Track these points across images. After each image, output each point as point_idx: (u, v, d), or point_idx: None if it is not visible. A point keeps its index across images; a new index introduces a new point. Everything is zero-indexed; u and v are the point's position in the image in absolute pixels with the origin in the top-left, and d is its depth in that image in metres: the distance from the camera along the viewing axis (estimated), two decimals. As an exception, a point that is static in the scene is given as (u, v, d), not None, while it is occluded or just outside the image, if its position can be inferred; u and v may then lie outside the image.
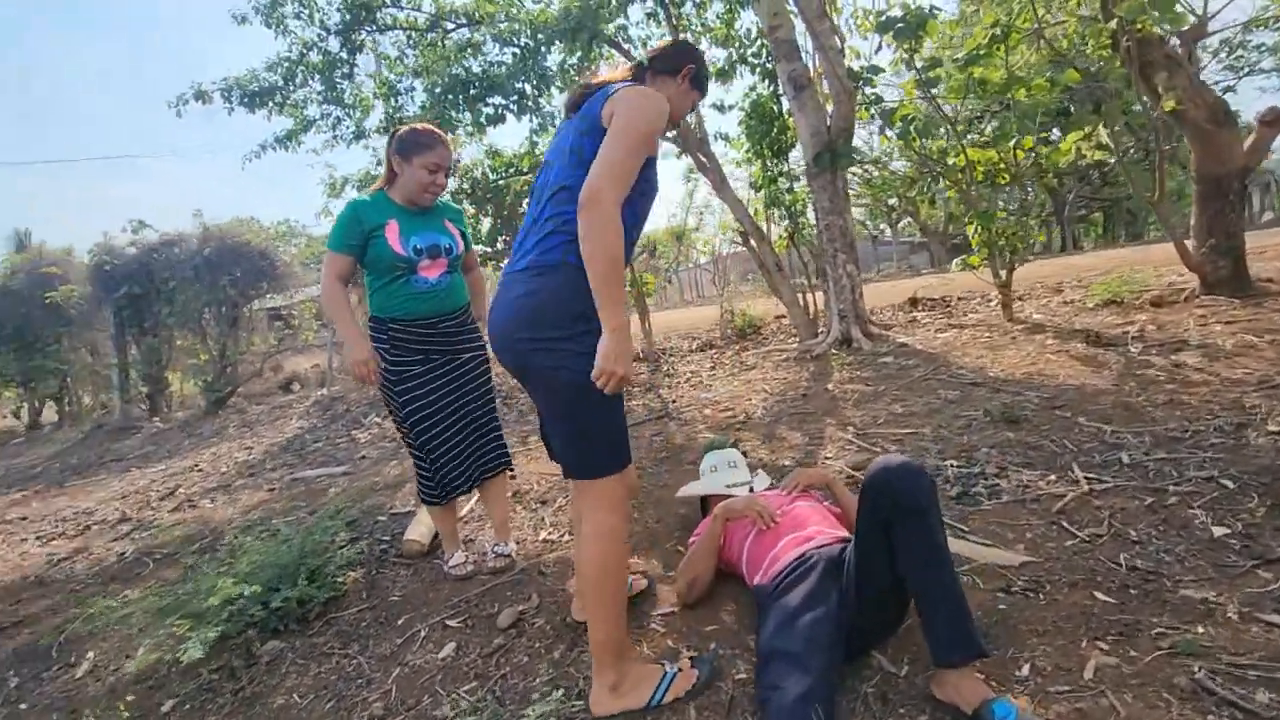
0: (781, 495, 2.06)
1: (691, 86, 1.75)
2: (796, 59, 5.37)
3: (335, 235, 2.28)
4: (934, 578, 1.38)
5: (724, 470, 2.36)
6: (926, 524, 1.41)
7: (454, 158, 2.51)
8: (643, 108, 1.47)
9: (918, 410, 3.53)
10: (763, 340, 6.76)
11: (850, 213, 5.69)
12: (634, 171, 1.44)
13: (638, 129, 1.44)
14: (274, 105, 6.37)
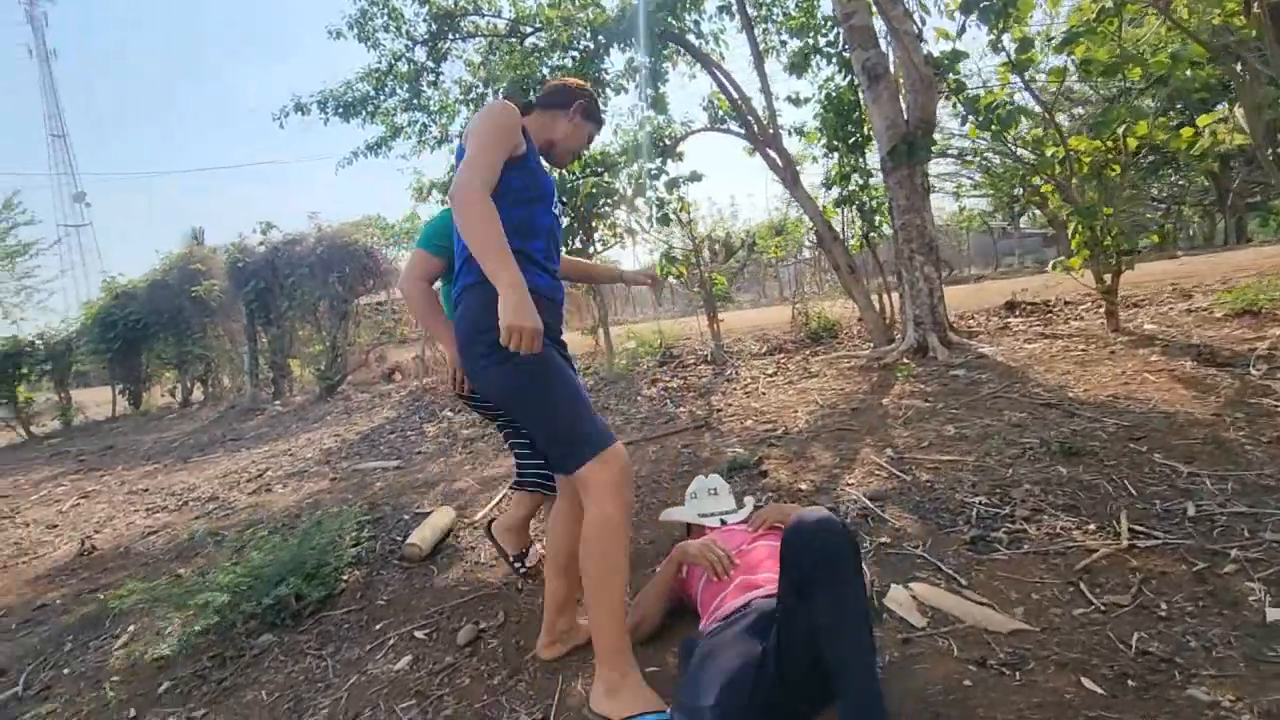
0: (746, 533, 1.92)
1: (584, 119, 1.92)
2: (872, 47, 5.01)
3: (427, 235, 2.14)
4: (843, 649, 1.21)
5: (704, 498, 2.25)
6: (840, 588, 1.25)
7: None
8: (481, 114, 1.67)
9: (971, 434, 3.19)
10: (836, 345, 6.41)
11: (929, 211, 5.24)
12: (489, 162, 1.58)
13: (479, 129, 1.62)
14: (366, 114, 6.79)
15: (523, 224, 1.68)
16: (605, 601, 1.59)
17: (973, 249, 22.47)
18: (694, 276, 6.70)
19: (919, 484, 2.68)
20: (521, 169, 1.68)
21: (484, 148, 1.60)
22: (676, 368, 6.67)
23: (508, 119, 1.65)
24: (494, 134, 1.62)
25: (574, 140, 1.93)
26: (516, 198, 1.67)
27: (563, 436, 1.62)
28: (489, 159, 1.59)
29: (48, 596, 3.21)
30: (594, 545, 1.59)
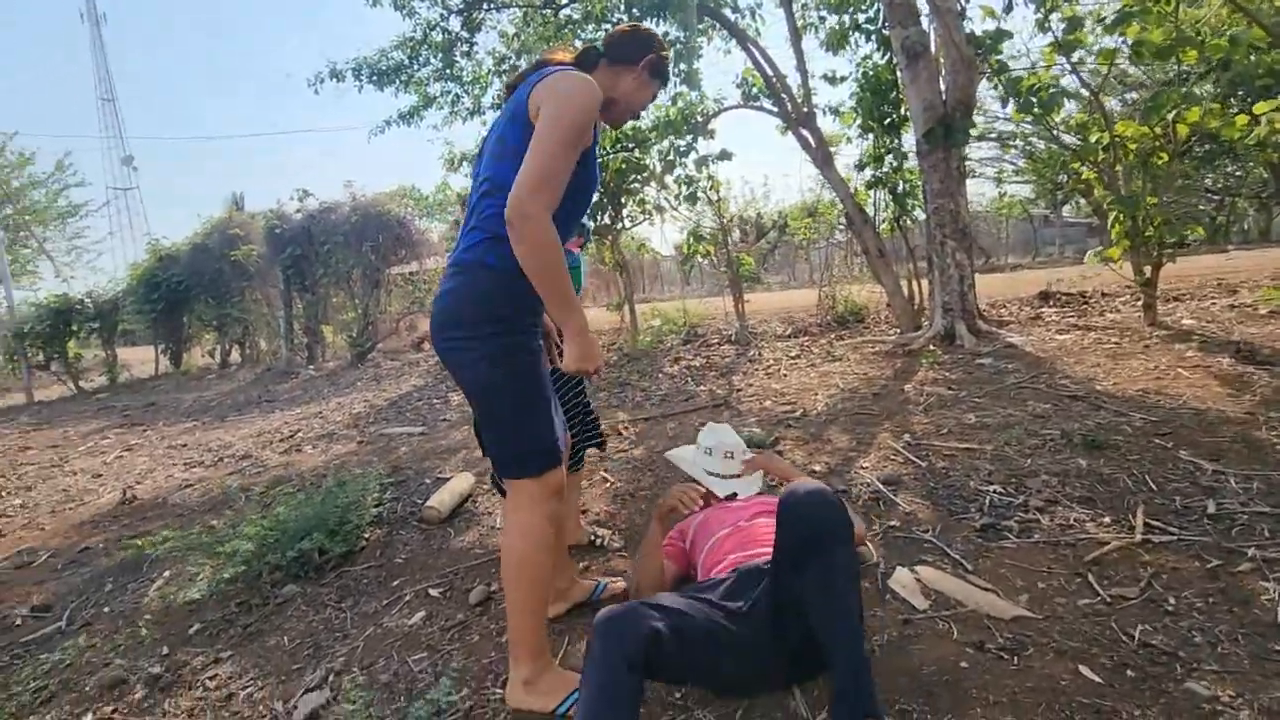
0: (747, 506, 1.93)
1: (651, 77, 1.67)
2: (912, 24, 4.87)
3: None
4: (831, 620, 1.24)
5: (716, 458, 2.12)
6: (830, 560, 1.27)
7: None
8: (572, 97, 1.38)
9: (992, 422, 3.16)
10: (863, 329, 6.34)
11: (964, 195, 5.13)
12: (565, 172, 1.36)
13: (566, 124, 1.35)
14: (400, 83, 6.84)
15: (566, 220, 1.48)
16: (526, 607, 1.54)
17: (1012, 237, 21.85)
18: (721, 256, 6.65)
19: (934, 470, 2.67)
20: (584, 163, 1.47)
21: (562, 151, 1.36)
22: (700, 346, 6.67)
23: (595, 112, 1.42)
24: (579, 133, 1.38)
25: (638, 99, 1.68)
26: (570, 192, 1.43)
27: (516, 446, 1.52)
28: (564, 166, 1.37)
29: (91, 540, 3.38)
30: (514, 550, 1.53)
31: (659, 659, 1.19)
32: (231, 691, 1.85)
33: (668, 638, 1.20)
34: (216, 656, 2.04)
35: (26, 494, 4.90)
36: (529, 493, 1.54)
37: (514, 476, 1.55)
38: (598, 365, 1.47)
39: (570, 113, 1.37)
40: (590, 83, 1.43)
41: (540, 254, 1.34)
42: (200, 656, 2.05)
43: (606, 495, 2.92)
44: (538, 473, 1.53)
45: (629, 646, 1.16)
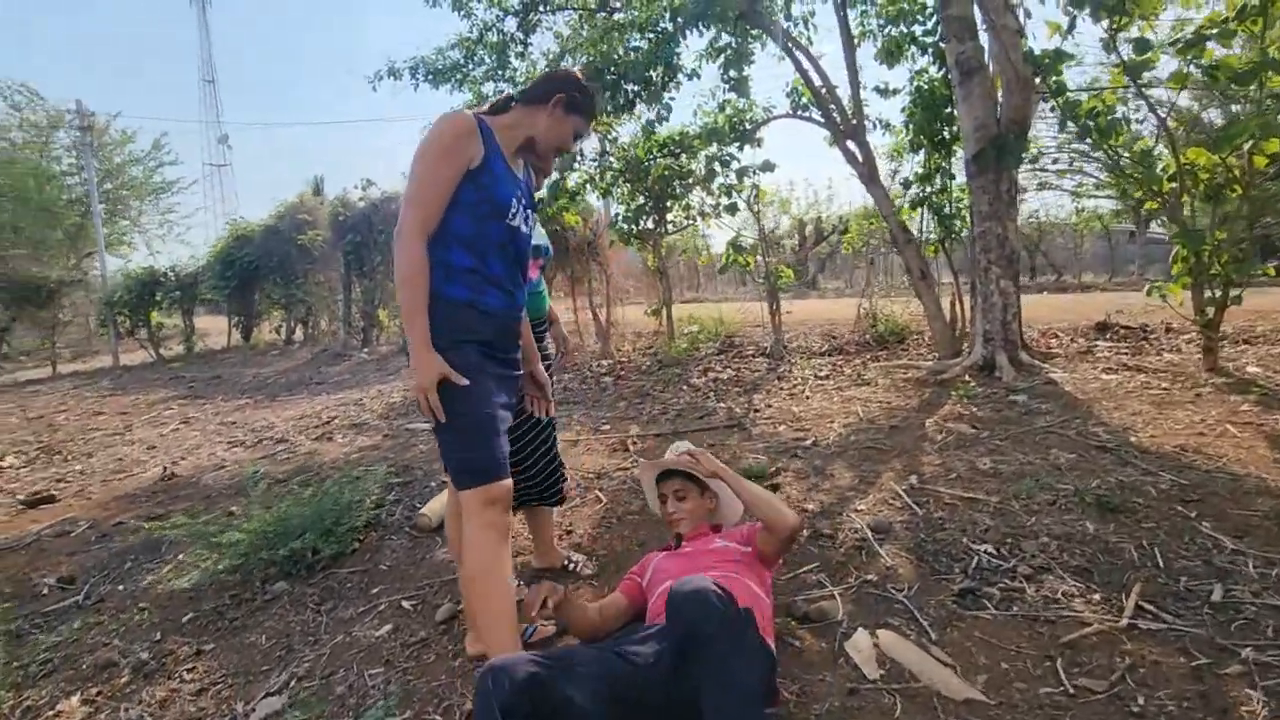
0: (703, 555, 1.90)
1: (566, 112, 1.76)
2: (969, 39, 4.65)
3: None
4: (713, 710, 1.22)
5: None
6: (711, 653, 1.26)
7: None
8: (427, 137, 1.61)
9: (1005, 470, 3.01)
10: (901, 351, 6.13)
11: (1014, 219, 4.87)
12: (430, 193, 1.58)
13: (422, 156, 1.59)
14: (455, 82, 6.98)
15: (474, 239, 1.64)
16: (489, 610, 1.58)
17: (1091, 254, 20.62)
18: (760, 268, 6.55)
19: (930, 520, 2.56)
20: (474, 182, 1.62)
21: (425, 179, 1.58)
22: (734, 357, 6.60)
23: (453, 136, 1.59)
24: (437, 159, 1.58)
25: (555, 136, 1.77)
26: (468, 211, 1.62)
27: (457, 458, 1.65)
28: (429, 192, 1.58)
29: (125, 516, 3.62)
30: (466, 564, 1.65)
31: (543, 706, 1.21)
32: (204, 686, 1.96)
33: (549, 685, 1.22)
34: (199, 648, 2.16)
35: (87, 460, 5.29)
36: (468, 505, 1.62)
37: (458, 486, 1.65)
38: (423, 387, 1.54)
39: (425, 147, 1.60)
40: (445, 116, 1.65)
41: (398, 263, 1.57)
42: (186, 646, 2.18)
43: (594, 516, 2.93)
44: (475, 484, 1.61)
45: (506, 695, 1.18)
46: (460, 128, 1.60)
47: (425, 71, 6.83)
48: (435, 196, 1.57)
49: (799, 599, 2.08)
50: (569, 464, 3.66)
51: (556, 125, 1.75)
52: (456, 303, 1.61)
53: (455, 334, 1.60)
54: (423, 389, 1.55)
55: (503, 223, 1.68)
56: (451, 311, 1.60)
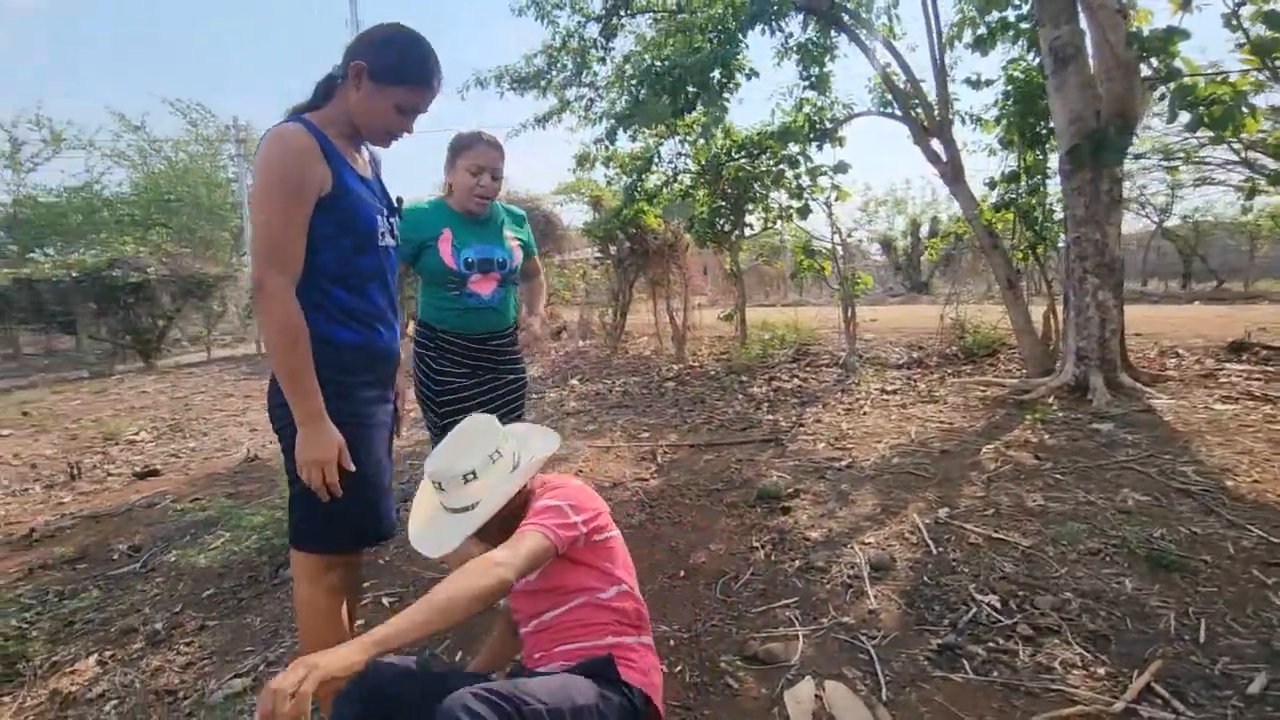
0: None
1: (376, 84, 1.40)
2: (1064, 24, 4.16)
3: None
4: None
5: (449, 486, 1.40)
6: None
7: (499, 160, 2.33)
8: (263, 161, 1.34)
9: (1056, 510, 2.67)
10: (989, 366, 5.60)
11: (1116, 224, 4.31)
12: (289, 235, 1.33)
13: (268, 196, 1.33)
14: (538, 89, 7.19)
15: (345, 274, 1.44)
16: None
17: (1271, 257, 17.79)
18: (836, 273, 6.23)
19: (941, 561, 2.32)
20: (331, 212, 1.39)
21: (274, 213, 1.32)
22: (805, 366, 6.32)
23: (297, 165, 1.34)
24: (285, 202, 1.33)
25: (373, 117, 1.44)
26: (330, 246, 1.41)
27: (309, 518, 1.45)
28: (283, 227, 1.33)
29: (206, 493, 4.03)
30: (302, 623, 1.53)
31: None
32: (192, 660, 2.14)
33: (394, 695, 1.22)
34: (204, 624, 2.36)
35: (202, 439, 5.95)
36: (315, 565, 1.48)
37: (294, 544, 1.50)
38: (326, 460, 1.35)
39: (265, 176, 1.34)
40: (282, 133, 1.35)
41: (269, 325, 1.32)
42: (194, 621, 2.38)
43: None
44: (320, 550, 1.48)
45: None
46: (302, 150, 1.35)
47: (510, 80, 7.08)
48: (294, 234, 1.34)
49: (758, 636, 1.95)
50: (595, 471, 3.67)
51: (367, 101, 1.42)
52: (347, 346, 1.45)
53: (344, 378, 1.44)
54: (320, 465, 1.36)
55: (375, 247, 1.49)
56: (340, 355, 1.43)
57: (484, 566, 1.18)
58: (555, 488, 1.45)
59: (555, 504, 1.35)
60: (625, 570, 1.49)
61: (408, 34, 1.45)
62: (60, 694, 1.99)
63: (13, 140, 18.86)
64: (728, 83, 4.97)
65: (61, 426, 6.68)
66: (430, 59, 1.45)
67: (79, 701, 1.97)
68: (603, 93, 7.34)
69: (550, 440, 1.54)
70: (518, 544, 1.25)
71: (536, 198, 11.26)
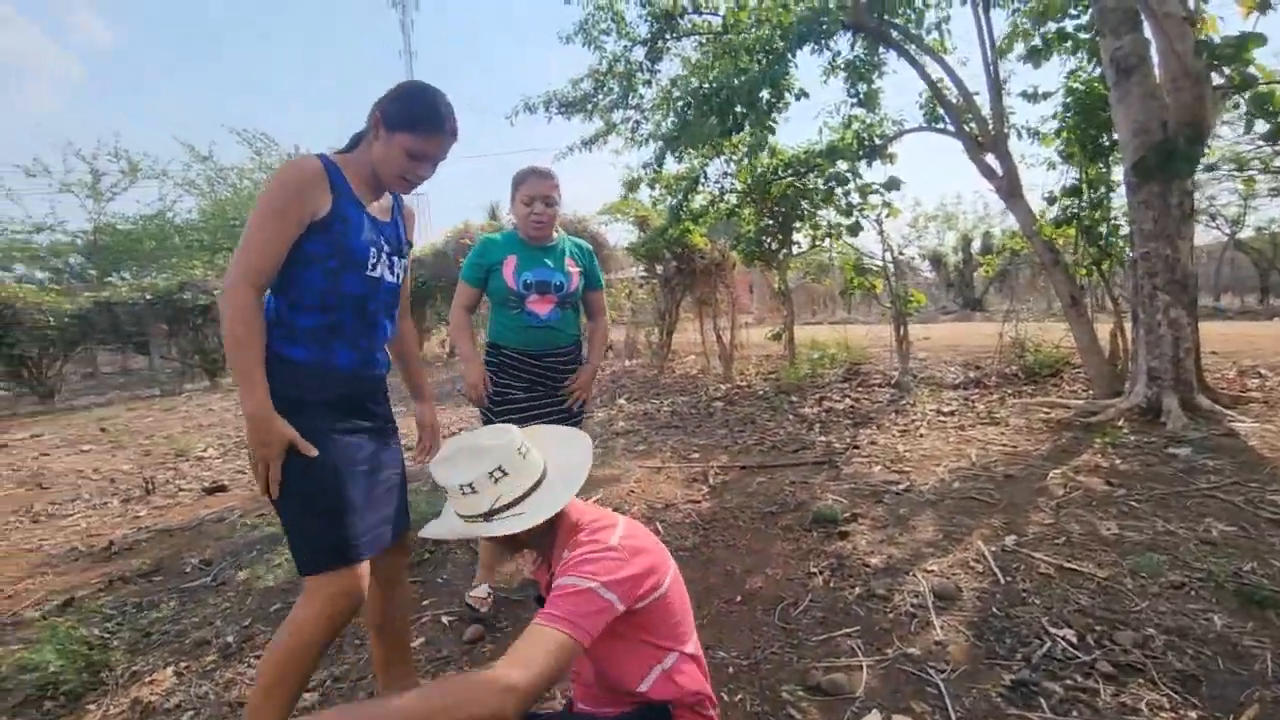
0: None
1: (389, 130, 1.50)
2: (1126, 34, 4.04)
3: (465, 268, 2.48)
4: None
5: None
6: None
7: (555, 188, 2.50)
8: (264, 190, 1.45)
9: (1133, 540, 2.55)
10: (1052, 386, 5.39)
11: (1188, 238, 4.12)
12: (262, 247, 1.41)
13: (257, 214, 1.42)
14: (585, 112, 7.33)
15: (325, 294, 1.50)
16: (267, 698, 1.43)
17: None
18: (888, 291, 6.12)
19: (1010, 592, 2.23)
20: (324, 233, 1.47)
21: (256, 227, 1.41)
22: (856, 386, 6.20)
23: (296, 188, 1.44)
24: (271, 214, 1.42)
25: (389, 162, 1.53)
26: (317, 265, 1.48)
27: (303, 541, 1.46)
28: (261, 246, 1.41)
29: (270, 509, 4.16)
30: (278, 646, 1.44)
31: None
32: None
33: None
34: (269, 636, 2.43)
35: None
36: (311, 589, 1.45)
37: (301, 570, 1.47)
38: (268, 456, 1.39)
39: (265, 196, 1.44)
40: (289, 163, 1.48)
41: (227, 319, 1.38)
42: (264, 635, 2.46)
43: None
44: (320, 569, 1.44)
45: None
46: (304, 177, 1.45)
47: (558, 104, 7.24)
48: (270, 252, 1.42)
49: (820, 665, 1.90)
50: (646, 491, 3.66)
51: (383, 149, 1.52)
52: (296, 363, 1.48)
53: (297, 394, 1.45)
54: (266, 460, 1.39)
55: (361, 274, 1.54)
56: (290, 372, 1.46)
57: (489, 687, 0.99)
58: (600, 528, 1.28)
59: (587, 586, 1.15)
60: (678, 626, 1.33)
61: (419, 86, 1.56)
62: (141, 703, 2.07)
63: (94, 172, 20.11)
64: (776, 102, 4.98)
65: (136, 443, 7.03)
66: (438, 106, 1.53)
67: (158, 711, 2.05)
68: (648, 115, 7.43)
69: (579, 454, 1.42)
70: (533, 652, 1.06)
71: (583, 219, 11.44)
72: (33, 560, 3.51)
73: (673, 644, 1.30)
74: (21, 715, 2.04)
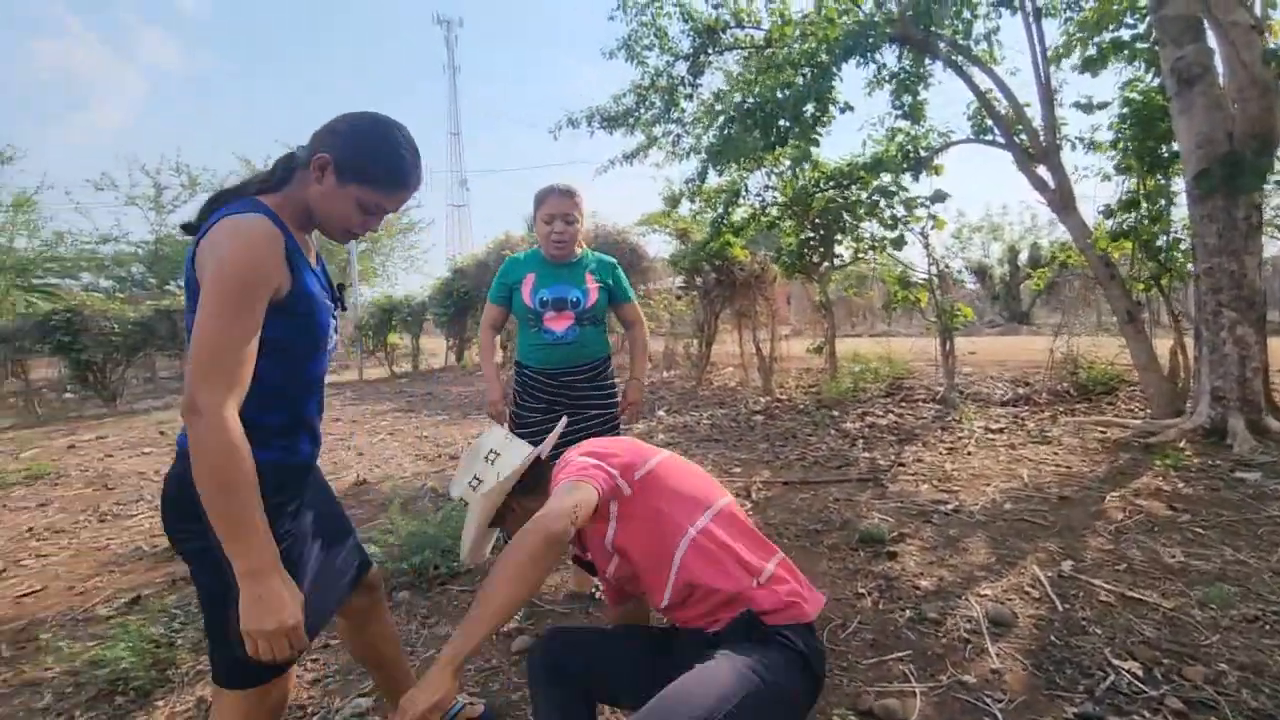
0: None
1: (340, 181, 1.22)
2: (1189, 43, 3.92)
3: (491, 288, 2.57)
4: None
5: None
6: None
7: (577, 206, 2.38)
8: (224, 263, 1.10)
9: (1200, 568, 2.45)
10: (1107, 405, 5.22)
11: (1256, 253, 3.96)
12: (240, 348, 1.09)
13: (224, 301, 1.08)
14: (627, 126, 7.40)
15: (287, 384, 1.24)
16: None
17: None
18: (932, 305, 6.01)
19: (1070, 620, 2.16)
20: (288, 314, 1.20)
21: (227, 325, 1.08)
22: (899, 401, 6.10)
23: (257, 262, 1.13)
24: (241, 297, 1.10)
25: (334, 213, 1.26)
26: (280, 355, 1.21)
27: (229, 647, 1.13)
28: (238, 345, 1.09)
29: (319, 513, 4.29)
30: None
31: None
32: (319, 677, 2.26)
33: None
34: (327, 641, 2.49)
35: (313, 461, 6.34)
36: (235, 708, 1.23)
37: (223, 684, 1.23)
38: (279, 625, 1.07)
39: (219, 275, 1.10)
40: (249, 227, 1.14)
41: (207, 458, 1.05)
42: (319, 638, 2.52)
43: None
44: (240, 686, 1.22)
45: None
46: (270, 250, 1.15)
47: (600, 119, 7.33)
48: (247, 355, 1.11)
49: (871, 689, 1.87)
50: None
51: (330, 198, 1.24)
52: (267, 465, 1.13)
53: (275, 497, 1.20)
54: (285, 630, 1.08)
55: (323, 353, 1.32)
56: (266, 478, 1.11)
57: (527, 527, 1.17)
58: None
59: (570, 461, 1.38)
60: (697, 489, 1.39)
61: (381, 130, 1.26)
62: (205, 701, 2.15)
63: (156, 185, 21.11)
64: (821, 116, 4.96)
65: (193, 446, 7.29)
66: (406, 160, 1.27)
67: (220, 710, 2.12)
68: (689, 129, 7.47)
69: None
70: (552, 498, 1.25)
71: (623, 231, 11.53)
72: (101, 558, 3.67)
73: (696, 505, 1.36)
74: (95, 709, 2.13)
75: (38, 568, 3.56)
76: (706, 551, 1.30)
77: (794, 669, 1.21)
